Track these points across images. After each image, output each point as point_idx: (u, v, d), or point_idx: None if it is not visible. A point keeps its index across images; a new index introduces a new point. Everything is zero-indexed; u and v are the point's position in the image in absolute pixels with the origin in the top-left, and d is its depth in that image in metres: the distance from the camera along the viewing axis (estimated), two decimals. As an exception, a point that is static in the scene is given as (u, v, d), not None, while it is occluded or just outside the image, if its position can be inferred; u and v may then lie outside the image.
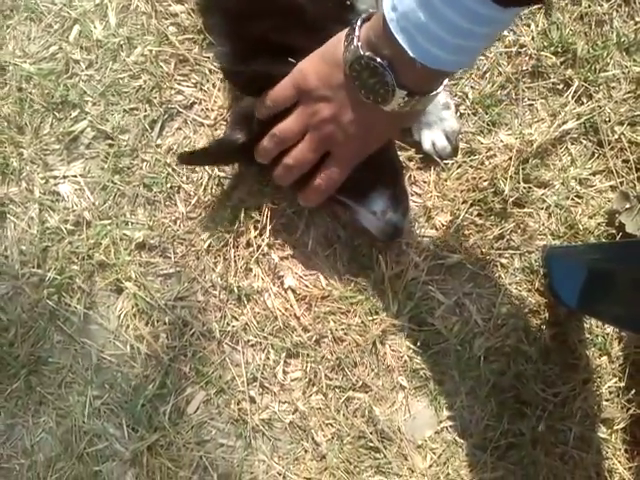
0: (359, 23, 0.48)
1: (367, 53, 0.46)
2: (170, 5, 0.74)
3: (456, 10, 0.38)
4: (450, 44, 0.40)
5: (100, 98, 0.74)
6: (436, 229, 0.75)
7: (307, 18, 0.62)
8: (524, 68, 0.73)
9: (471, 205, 0.74)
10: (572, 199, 0.75)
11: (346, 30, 0.50)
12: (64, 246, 0.73)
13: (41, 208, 0.74)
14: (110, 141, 0.74)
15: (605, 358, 0.75)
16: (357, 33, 0.47)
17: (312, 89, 0.53)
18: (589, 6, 0.73)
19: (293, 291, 0.75)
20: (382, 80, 0.46)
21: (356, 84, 0.49)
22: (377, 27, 0.44)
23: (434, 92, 0.49)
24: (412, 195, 0.75)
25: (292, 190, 0.68)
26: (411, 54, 0.42)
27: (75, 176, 0.74)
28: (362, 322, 0.74)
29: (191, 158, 0.67)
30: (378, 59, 0.45)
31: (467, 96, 0.73)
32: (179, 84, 0.74)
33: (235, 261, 0.74)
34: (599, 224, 0.74)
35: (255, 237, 0.74)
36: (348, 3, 0.64)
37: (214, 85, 0.74)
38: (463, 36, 0.40)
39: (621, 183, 0.74)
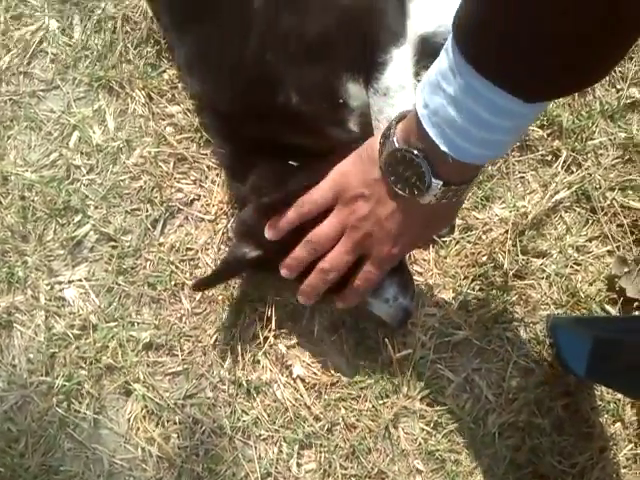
0: (394, 122, 0.50)
1: (403, 146, 0.47)
2: (166, 106, 0.77)
3: (478, 102, 0.40)
4: (476, 137, 0.42)
5: (102, 201, 0.77)
6: (440, 307, 0.76)
7: (301, 119, 0.65)
8: (512, 144, 0.75)
9: (472, 280, 0.75)
10: (571, 267, 0.76)
11: (383, 129, 0.52)
12: (71, 351, 0.74)
13: (47, 315, 0.75)
14: (113, 243, 0.76)
15: (619, 425, 0.76)
16: (393, 130, 0.48)
17: (350, 189, 0.54)
18: (569, 81, 0.76)
19: (302, 380, 0.75)
20: (418, 172, 0.47)
21: (392, 179, 0.50)
22: (411, 123, 0.46)
23: (467, 185, 0.50)
24: (414, 274, 0.76)
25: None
26: (442, 147, 0.43)
27: (80, 280, 0.76)
28: (373, 407, 0.75)
29: (205, 284, 0.68)
30: (415, 151, 0.46)
31: (459, 174, 0.75)
32: (179, 182, 0.77)
33: (242, 354, 0.75)
34: (600, 290, 0.76)
35: (261, 329, 0.75)
36: (341, 101, 0.67)
37: (213, 181, 0.77)
38: (487, 129, 0.41)
39: (618, 247, 0.76)
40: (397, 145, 0.48)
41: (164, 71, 0.77)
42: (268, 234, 0.61)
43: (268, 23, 0.65)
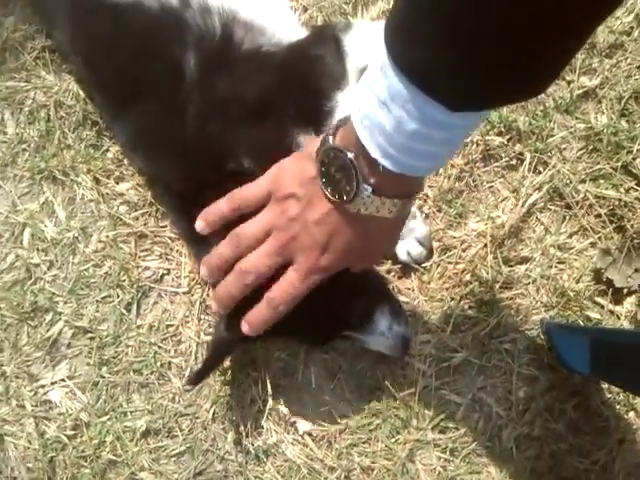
0: (339, 122, 0.48)
1: (337, 146, 0.45)
2: (115, 186, 0.77)
3: (405, 109, 0.37)
4: (406, 146, 0.40)
5: (70, 295, 0.76)
6: (433, 332, 0.77)
7: None
8: (474, 156, 0.75)
9: (460, 300, 0.76)
10: (555, 267, 0.77)
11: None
12: (69, 453, 0.74)
13: (36, 421, 0.76)
14: (90, 335, 0.76)
15: (632, 413, 0.77)
16: (334, 130, 0.46)
17: (283, 186, 0.51)
18: (519, 81, 0.75)
19: (309, 434, 0.76)
20: (347, 175, 0.45)
21: (323, 180, 0.47)
22: (348, 125, 0.45)
23: (402, 201, 0.47)
24: (401, 304, 0.75)
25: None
26: (372, 154, 0.41)
27: (63, 380, 0.76)
28: (386, 446, 0.75)
29: (199, 377, 0.68)
30: (347, 153, 0.44)
31: (427, 196, 0.76)
32: (144, 260, 0.76)
33: (244, 422, 0.75)
34: (588, 285, 0.77)
35: (257, 392, 0.74)
36: None
37: (179, 252, 0.77)
38: (416, 139, 0.39)
39: (599, 238, 0.77)
40: (331, 144, 0.45)
41: (107, 150, 0.76)
42: (198, 226, 0.59)
43: (204, 93, 0.64)
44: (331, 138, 0.46)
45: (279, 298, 0.53)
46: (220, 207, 0.57)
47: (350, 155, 0.44)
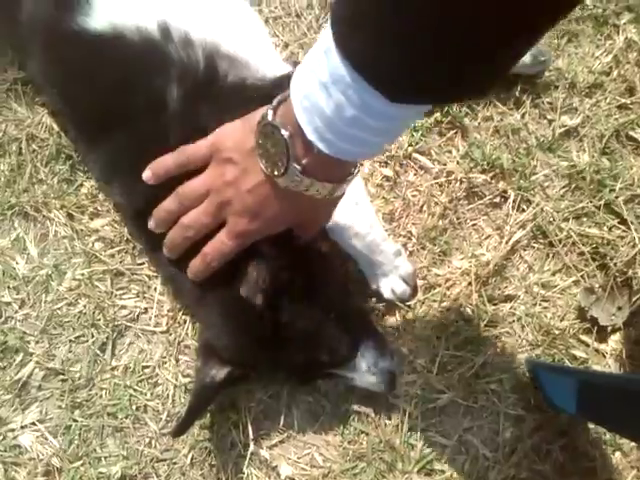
0: (279, 97, 0.50)
1: (275, 121, 0.47)
2: (89, 222, 0.76)
3: (346, 94, 0.38)
4: (343, 131, 0.41)
5: (42, 335, 0.75)
6: (418, 373, 0.78)
7: None
8: (458, 193, 0.77)
9: (446, 340, 0.76)
10: (539, 304, 0.79)
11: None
12: None
13: (5, 467, 0.76)
14: (62, 377, 0.76)
15: (619, 454, 0.78)
16: (274, 103, 0.48)
17: (224, 150, 0.55)
18: (501, 119, 0.79)
19: (291, 479, 0.74)
20: (281, 151, 0.47)
21: (259, 152, 0.50)
22: (288, 102, 0.47)
23: (333, 185, 0.49)
24: (385, 344, 0.76)
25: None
26: (309, 136, 0.43)
27: (34, 423, 0.76)
28: (371, 490, 0.74)
29: (184, 427, 0.68)
30: (282, 130, 0.46)
31: (411, 233, 0.77)
32: (120, 299, 0.76)
33: (224, 467, 0.74)
34: (572, 323, 0.78)
35: (238, 436, 0.73)
36: None
37: (156, 290, 0.76)
38: (354, 125, 0.40)
39: (582, 276, 0.79)
40: (270, 119, 0.47)
41: (81, 185, 0.76)
42: (145, 176, 0.62)
43: (187, 123, 0.64)
44: (271, 113, 0.47)
45: (211, 254, 0.58)
46: (166, 160, 0.61)
47: (285, 133, 0.46)
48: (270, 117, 0.47)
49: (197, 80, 0.67)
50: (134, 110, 0.67)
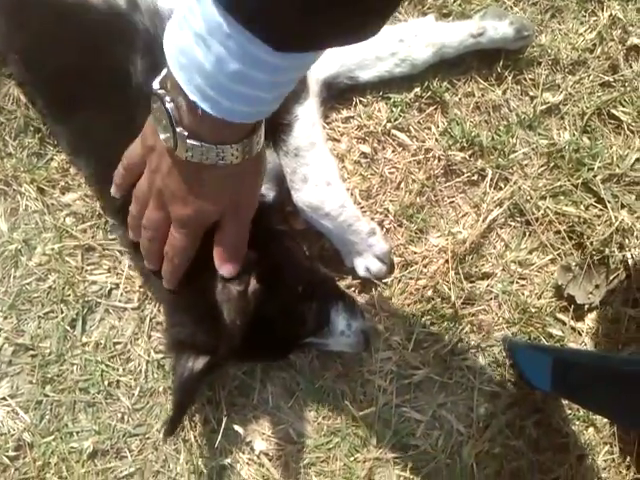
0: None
1: (157, 90, 0.46)
2: (61, 196, 0.77)
3: (225, 45, 0.36)
4: (227, 88, 0.39)
5: (10, 310, 0.77)
6: (394, 349, 0.80)
7: None
8: (436, 171, 0.79)
9: (422, 317, 0.79)
10: (517, 282, 0.81)
11: None
12: (11, 475, 0.77)
13: None
14: (32, 352, 0.77)
15: (592, 429, 0.82)
16: (163, 73, 0.46)
17: (147, 137, 0.53)
18: (482, 95, 0.80)
19: (266, 454, 0.78)
20: (169, 122, 0.45)
21: (158, 128, 0.48)
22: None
23: (232, 147, 0.47)
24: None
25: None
26: (190, 97, 0.40)
27: (4, 398, 0.78)
28: (345, 465, 0.78)
29: (174, 424, 0.68)
30: (165, 97, 0.44)
31: (388, 211, 0.79)
32: (91, 274, 0.77)
33: (197, 442, 0.76)
34: (549, 301, 0.81)
35: (211, 411, 0.75)
36: None
37: (129, 266, 0.76)
38: (238, 80, 0.38)
39: (559, 255, 0.81)
40: (154, 88, 0.46)
41: (51, 159, 0.77)
42: (112, 191, 0.62)
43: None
44: (156, 81, 0.46)
45: (170, 251, 0.57)
46: (118, 170, 0.61)
47: (167, 99, 0.44)
48: (156, 86, 0.46)
49: (161, 53, 0.67)
50: (98, 81, 0.68)
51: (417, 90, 0.82)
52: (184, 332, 0.66)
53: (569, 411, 0.85)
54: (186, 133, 0.45)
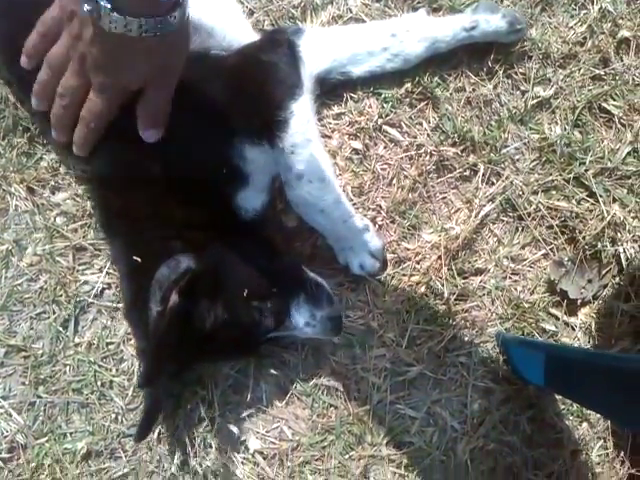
0: None
1: None
2: (51, 196, 0.78)
3: None
4: None
5: (2, 311, 0.79)
6: (387, 346, 0.81)
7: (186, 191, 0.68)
8: (428, 167, 0.80)
9: (415, 313, 0.80)
10: (509, 277, 0.83)
11: None
12: (4, 477, 0.79)
13: None
14: (24, 353, 0.79)
15: (586, 424, 0.84)
16: None
17: (68, 3, 0.57)
18: (473, 90, 0.82)
19: (260, 453, 0.80)
20: None
21: None
22: None
23: (155, 21, 0.51)
24: (354, 319, 0.79)
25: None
26: None
27: None
28: (340, 463, 0.79)
29: (144, 430, 0.71)
30: None
31: (381, 207, 0.81)
32: (83, 274, 0.79)
33: (191, 441, 0.78)
34: (542, 296, 0.82)
35: (205, 411, 0.76)
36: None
37: (121, 265, 0.77)
38: None
39: (551, 250, 0.83)
40: None
41: (40, 158, 0.79)
42: (22, 62, 0.64)
43: None
44: None
45: (87, 116, 0.61)
46: (31, 37, 0.63)
47: None
48: None
49: None
50: None
51: (408, 85, 0.84)
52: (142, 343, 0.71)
53: (563, 406, 0.87)
54: (109, 6, 0.49)
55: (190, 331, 0.66)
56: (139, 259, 0.67)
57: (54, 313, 0.78)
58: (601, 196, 0.84)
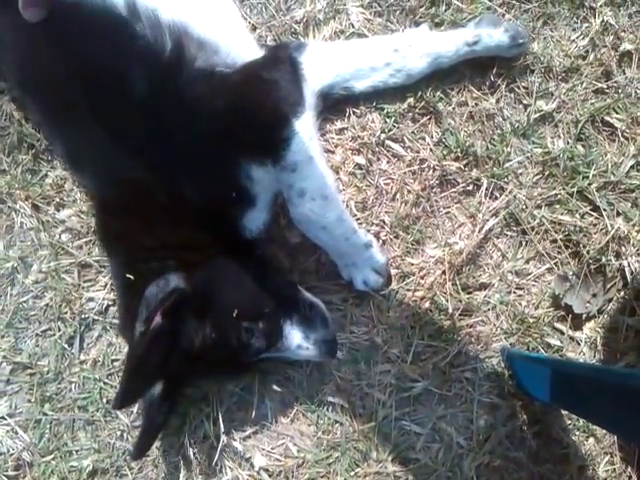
0: None
1: None
2: (56, 213, 0.79)
3: None
4: None
5: (7, 329, 0.79)
6: (392, 362, 0.82)
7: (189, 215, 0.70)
8: (431, 181, 0.81)
9: (420, 329, 0.80)
10: (514, 292, 0.84)
11: None
12: None
13: None
14: (30, 370, 0.80)
15: (592, 440, 0.84)
16: None
17: None
18: (476, 104, 0.83)
19: (266, 470, 0.80)
20: None
21: None
22: None
23: None
24: (359, 334, 0.80)
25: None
26: None
27: (3, 418, 0.83)
28: (345, 479, 0.78)
29: (141, 448, 0.71)
30: None
31: (384, 222, 0.82)
32: (87, 291, 0.80)
33: (197, 459, 0.78)
34: (547, 311, 0.82)
35: (210, 428, 0.77)
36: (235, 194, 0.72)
37: (125, 282, 0.78)
38: None
39: (555, 264, 0.83)
40: None
41: (45, 175, 0.80)
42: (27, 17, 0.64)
43: (149, 114, 0.67)
44: None
45: None
46: None
47: None
48: None
49: (162, 64, 0.69)
50: (96, 92, 0.69)
51: (410, 100, 0.85)
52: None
53: (569, 421, 0.87)
54: None
55: (177, 350, 0.67)
56: (132, 277, 0.68)
57: (59, 330, 0.79)
58: (605, 210, 0.85)
